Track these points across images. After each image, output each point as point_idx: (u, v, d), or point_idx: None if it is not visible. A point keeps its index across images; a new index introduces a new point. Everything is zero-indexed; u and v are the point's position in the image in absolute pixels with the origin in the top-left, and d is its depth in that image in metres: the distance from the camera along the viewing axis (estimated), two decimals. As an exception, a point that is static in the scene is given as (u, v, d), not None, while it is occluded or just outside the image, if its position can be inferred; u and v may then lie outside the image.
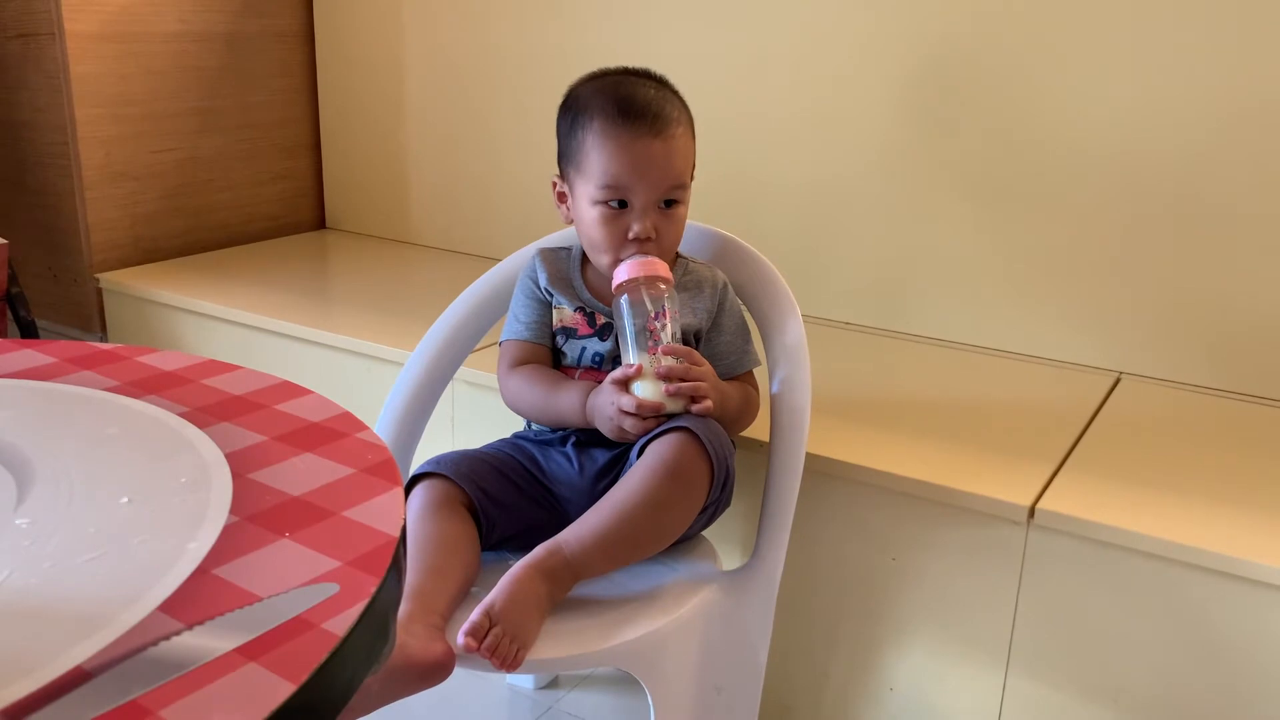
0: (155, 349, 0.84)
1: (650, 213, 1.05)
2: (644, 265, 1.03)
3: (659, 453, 0.98)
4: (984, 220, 1.55)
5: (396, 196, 2.16)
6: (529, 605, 0.90)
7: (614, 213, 1.05)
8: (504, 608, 0.89)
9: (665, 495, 0.97)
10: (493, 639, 0.87)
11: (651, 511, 0.97)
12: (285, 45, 2.16)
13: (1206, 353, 1.43)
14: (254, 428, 0.70)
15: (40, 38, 1.82)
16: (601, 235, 1.06)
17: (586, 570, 0.95)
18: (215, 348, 1.72)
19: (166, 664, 0.45)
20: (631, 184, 1.04)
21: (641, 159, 1.04)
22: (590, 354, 1.10)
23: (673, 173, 1.05)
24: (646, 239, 1.05)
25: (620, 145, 1.04)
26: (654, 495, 0.96)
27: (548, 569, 0.93)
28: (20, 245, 1.91)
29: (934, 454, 1.19)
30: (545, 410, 1.09)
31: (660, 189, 1.05)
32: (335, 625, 0.48)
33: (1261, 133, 1.34)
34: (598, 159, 1.04)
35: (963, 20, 1.51)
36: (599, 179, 1.05)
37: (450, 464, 1.05)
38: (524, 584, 0.91)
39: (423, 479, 1.04)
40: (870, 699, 1.22)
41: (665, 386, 1.00)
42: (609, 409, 1.02)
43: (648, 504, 0.96)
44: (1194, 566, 1.01)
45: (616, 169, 1.04)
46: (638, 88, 1.07)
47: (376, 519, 0.59)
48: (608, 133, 1.04)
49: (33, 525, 0.57)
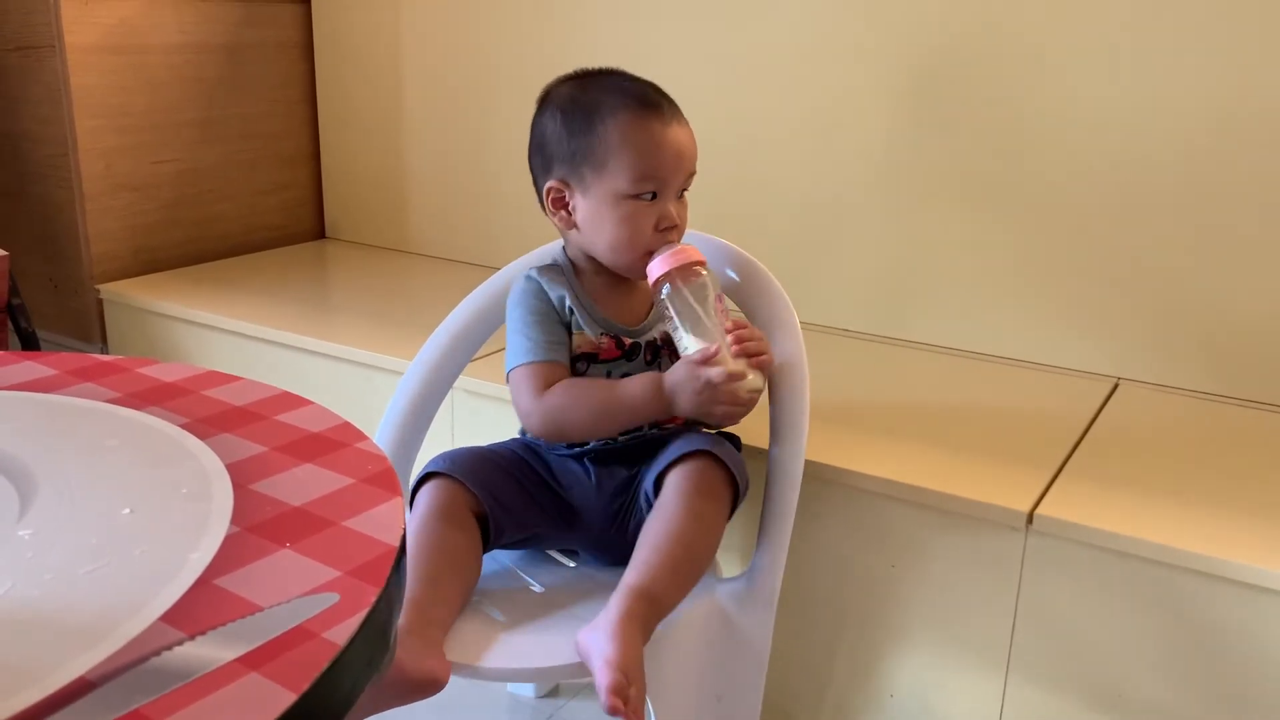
0: (156, 360, 0.85)
1: (674, 200, 1.07)
2: (679, 254, 1.03)
3: (689, 476, 1.00)
4: (982, 227, 1.55)
5: (396, 206, 2.17)
6: (640, 654, 0.89)
7: (645, 205, 1.05)
8: (630, 664, 0.86)
9: (708, 514, 1.00)
10: (635, 701, 0.85)
11: (703, 533, 0.99)
12: (285, 56, 2.17)
13: (1204, 358, 1.43)
14: (254, 438, 0.71)
15: (40, 50, 1.82)
16: (629, 231, 1.05)
17: (667, 602, 0.95)
18: (215, 358, 1.72)
19: (169, 674, 0.45)
20: (664, 173, 1.05)
21: (672, 147, 1.05)
22: (619, 375, 1.08)
23: (693, 157, 1.08)
24: (674, 226, 1.06)
25: (653, 135, 1.04)
26: (700, 516, 0.99)
27: (641, 616, 0.91)
28: (21, 256, 1.92)
29: (932, 460, 1.20)
30: (610, 411, 1.03)
31: (683, 175, 1.07)
32: (336, 635, 0.48)
33: (1261, 137, 1.34)
34: (631, 152, 1.04)
35: (960, 27, 1.52)
36: (633, 171, 1.04)
37: (462, 465, 1.04)
38: (632, 635, 0.89)
39: (432, 478, 1.03)
40: (870, 705, 1.23)
41: (748, 361, 1.01)
42: (696, 384, 0.99)
43: (697, 525, 0.98)
44: (1193, 571, 1.01)
45: (653, 159, 1.04)
46: (636, 81, 1.09)
47: (377, 529, 0.59)
48: (638, 125, 1.04)
49: (35, 536, 0.57)
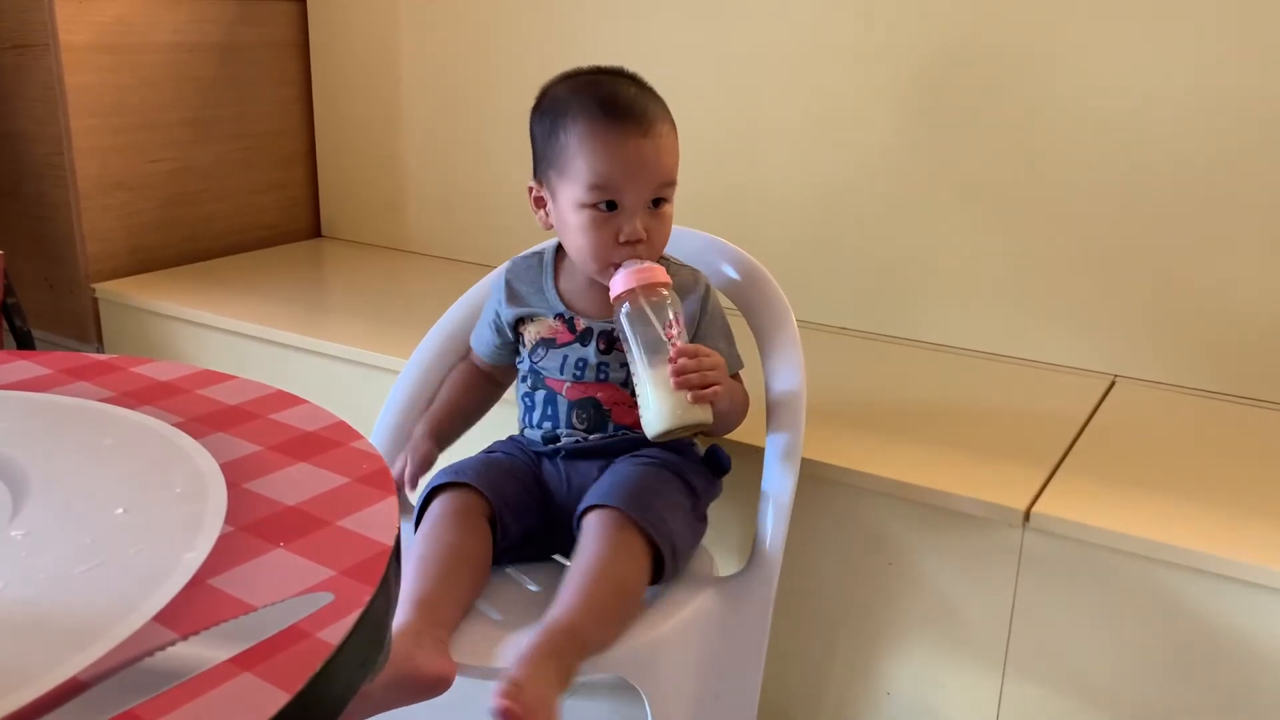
0: (150, 359, 0.84)
1: (640, 213, 1.02)
2: (642, 273, 0.99)
3: (604, 525, 0.97)
4: (979, 225, 1.55)
5: (392, 205, 2.17)
6: (547, 687, 0.87)
7: (603, 215, 1.02)
8: (531, 685, 0.84)
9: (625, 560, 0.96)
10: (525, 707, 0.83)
11: (632, 573, 0.96)
12: (281, 55, 2.16)
13: (1202, 355, 1.43)
14: (249, 438, 0.70)
15: (35, 49, 1.82)
16: (589, 240, 1.03)
17: (586, 635, 0.91)
18: (211, 357, 1.72)
19: (162, 674, 0.45)
20: (621, 184, 1.01)
21: (631, 158, 1.00)
22: (573, 361, 1.07)
23: (662, 170, 1.02)
24: (638, 240, 1.02)
25: (608, 145, 1.00)
26: (619, 554, 0.95)
27: (553, 649, 0.89)
28: (16, 255, 1.92)
29: (930, 458, 1.20)
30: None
31: (650, 188, 1.02)
32: (330, 634, 0.48)
33: (1258, 136, 1.34)
34: (584, 160, 1.01)
35: (961, 27, 1.51)
36: (586, 180, 1.01)
37: (474, 473, 1.03)
38: (543, 668, 0.87)
39: (446, 489, 1.02)
40: (868, 703, 1.23)
41: (688, 395, 0.96)
42: None
43: (619, 566, 0.95)
44: (1190, 569, 1.01)
45: (605, 169, 1.00)
46: (619, 86, 1.04)
47: (371, 528, 0.59)
48: (594, 133, 1.01)
49: (28, 536, 0.57)
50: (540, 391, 1.10)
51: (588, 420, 1.08)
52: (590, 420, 1.08)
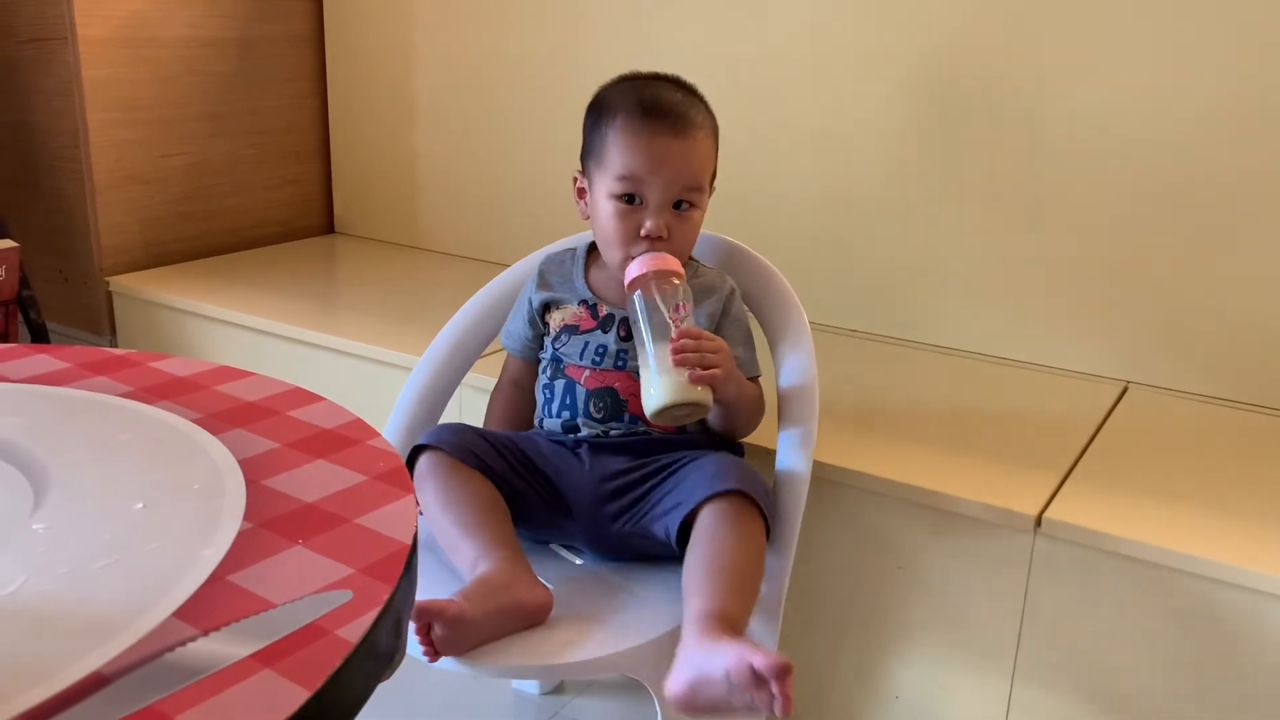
0: (169, 355, 0.85)
1: (664, 212, 1.06)
2: (655, 260, 1.03)
3: (724, 512, 0.97)
4: (992, 229, 1.55)
5: (406, 201, 2.17)
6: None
7: (628, 208, 1.06)
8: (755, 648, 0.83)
9: (752, 538, 0.98)
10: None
11: (755, 554, 0.98)
12: (295, 50, 2.17)
13: (1214, 362, 1.43)
14: (267, 434, 0.71)
15: (53, 43, 1.83)
16: (614, 230, 1.07)
17: (741, 621, 0.92)
18: (224, 351, 1.73)
19: (183, 670, 0.46)
20: (646, 179, 1.05)
21: (658, 155, 1.05)
22: (594, 348, 1.11)
23: (688, 172, 1.06)
24: (658, 237, 1.05)
25: (639, 139, 1.05)
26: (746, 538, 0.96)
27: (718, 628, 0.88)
28: (31, 248, 1.92)
29: (941, 462, 1.19)
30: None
31: (674, 188, 1.06)
32: (349, 632, 0.49)
33: (1273, 143, 1.34)
34: (616, 153, 1.06)
35: (972, 30, 1.51)
36: (615, 171, 1.06)
37: (450, 441, 1.05)
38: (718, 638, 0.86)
39: (425, 451, 1.04)
40: (876, 707, 1.23)
41: (688, 374, 0.97)
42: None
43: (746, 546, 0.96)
44: (1201, 577, 1.01)
45: (633, 163, 1.05)
46: (663, 90, 1.09)
47: (389, 526, 0.59)
48: (628, 127, 1.06)
49: (48, 531, 0.57)
50: (560, 381, 1.12)
51: (604, 410, 1.09)
52: (607, 410, 1.09)
